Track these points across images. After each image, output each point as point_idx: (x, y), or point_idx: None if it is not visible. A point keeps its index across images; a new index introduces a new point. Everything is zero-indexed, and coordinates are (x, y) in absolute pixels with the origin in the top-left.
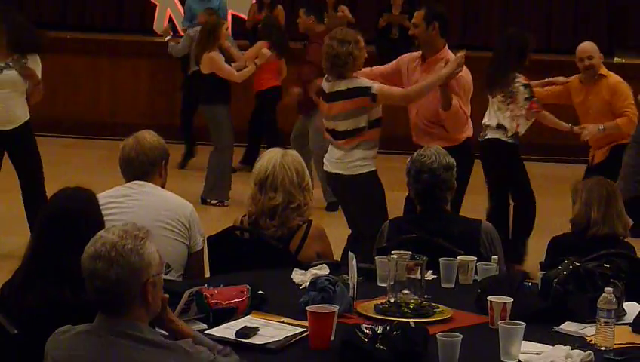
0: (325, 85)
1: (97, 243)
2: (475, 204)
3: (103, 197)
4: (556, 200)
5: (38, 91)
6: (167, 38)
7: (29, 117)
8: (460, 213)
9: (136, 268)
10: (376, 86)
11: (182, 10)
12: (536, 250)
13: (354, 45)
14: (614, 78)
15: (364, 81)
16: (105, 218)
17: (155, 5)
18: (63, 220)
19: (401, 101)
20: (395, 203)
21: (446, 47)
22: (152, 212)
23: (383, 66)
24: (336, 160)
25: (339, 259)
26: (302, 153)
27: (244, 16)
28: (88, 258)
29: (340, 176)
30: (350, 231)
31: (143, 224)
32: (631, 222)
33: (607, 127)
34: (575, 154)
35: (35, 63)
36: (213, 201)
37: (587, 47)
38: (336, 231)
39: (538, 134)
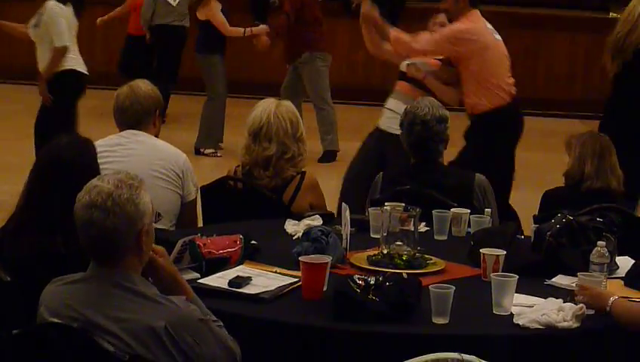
0: None
1: (92, 193)
2: None
3: (96, 145)
4: (550, 155)
5: None
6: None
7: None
8: None
9: (132, 218)
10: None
11: None
12: (529, 203)
13: None
14: None
15: None
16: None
17: None
18: (57, 168)
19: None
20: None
21: (477, 13)
22: (146, 161)
23: None
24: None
25: (332, 210)
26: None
27: None
28: (83, 207)
29: None
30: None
31: (136, 173)
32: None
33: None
34: (569, 108)
35: None
36: (208, 151)
37: None
38: (332, 182)
39: (531, 89)
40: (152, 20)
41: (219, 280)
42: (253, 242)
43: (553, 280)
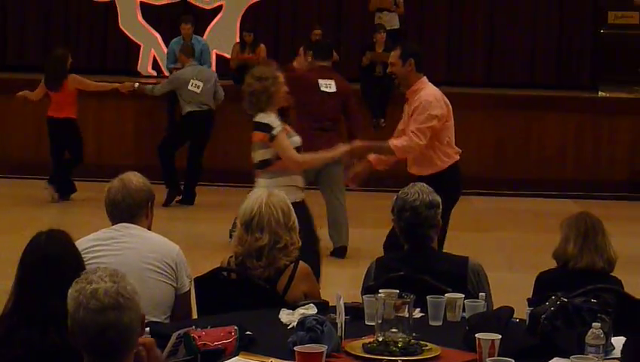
0: None
1: (97, 295)
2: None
3: (89, 240)
4: (543, 235)
5: None
6: (136, 85)
7: None
8: None
9: (139, 307)
10: (278, 129)
11: (165, 51)
12: (523, 285)
13: (272, 82)
14: None
15: (273, 120)
16: (92, 261)
17: (140, 46)
18: (46, 266)
19: (290, 161)
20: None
21: (423, 79)
22: (139, 254)
23: None
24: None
25: (326, 299)
26: None
27: (227, 55)
28: (93, 312)
29: None
30: None
31: (130, 266)
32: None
33: None
34: (561, 188)
35: None
36: None
37: None
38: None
39: (526, 170)
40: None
41: None
42: (248, 333)
43: None
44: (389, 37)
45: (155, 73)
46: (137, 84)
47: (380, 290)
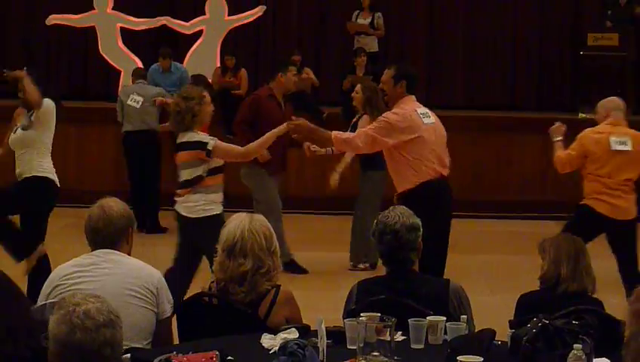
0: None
1: (91, 314)
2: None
3: (69, 266)
4: (524, 257)
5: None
6: None
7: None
8: None
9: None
10: (212, 142)
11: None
12: (504, 307)
13: (197, 101)
14: (583, 132)
15: (203, 137)
16: (73, 287)
17: (120, 71)
18: None
19: (240, 157)
20: None
21: (408, 98)
22: (120, 280)
23: None
24: (182, 203)
25: (308, 323)
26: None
27: (209, 80)
28: (87, 331)
29: (186, 219)
30: None
31: (111, 292)
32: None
33: (556, 145)
34: (541, 210)
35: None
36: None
37: None
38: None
39: (506, 192)
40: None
41: None
42: (229, 358)
43: None
44: (368, 60)
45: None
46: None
47: (362, 314)
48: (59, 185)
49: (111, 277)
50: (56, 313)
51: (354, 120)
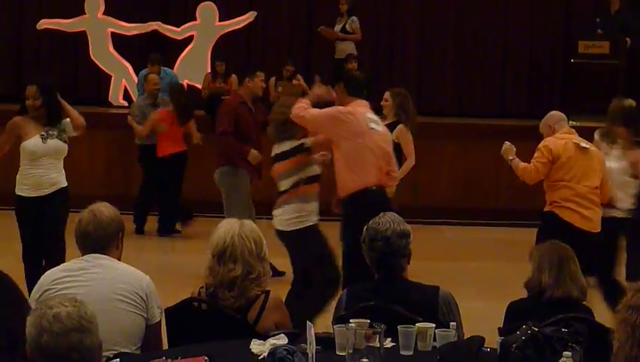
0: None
1: (61, 318)
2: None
3: (59, 270)
4: (514, 264)
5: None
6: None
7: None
8: None
9: (98, 333)
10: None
11: (136, 81)
12: (494, 314)
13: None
14: (546, 140)
15: (297, 142)
16: (62, 292)
17: (110, 76)
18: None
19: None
20: None
21: (361, 102)
22: (109, 285)
23: None
24: (278, 217)
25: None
26: None
27: (198, 85)
28: (55, 335)
29: (282, 233)
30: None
31: (100, 297)
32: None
33: (514, 162)
34: (533, 218)
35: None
36: None
37: None
38: None
39: (495, 199)
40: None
41: None
42: None
43: None
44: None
45: (126, 103)
46: None
47: (351, 320)
48: None
49: (100, 282)
50: (31, 315)
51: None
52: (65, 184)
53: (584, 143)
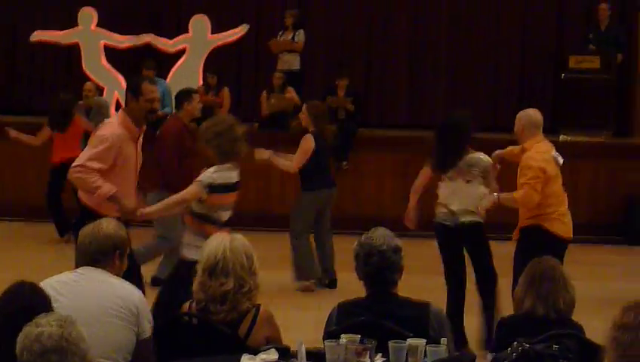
0: None
1: (42, 338)
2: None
3: (53, 281)
4: (506, 280)
5: None
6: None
7: None
8: None
9: (85, 354)
10: None
11: None
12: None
13: None
14: (530, 153)
15: None
16: (53, 304)
17: (103, 89)
18: (29, 316)
19: None
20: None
21: None
22: (100, 298)
23: None
24: None
25: (288, 344)
26: None
27: None
28: (35, 355)
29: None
30: None
31: (91, 310)
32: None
33: (502, 198)
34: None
35: None
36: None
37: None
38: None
39: (495, 213)
40: None
41: None
42: None
43: None
44: (289, 79)
45: None
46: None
47: (342, 335)
48: None
49: (91, 295)
50: (23, 330)
51: None
52: None
53: (560, 158)
